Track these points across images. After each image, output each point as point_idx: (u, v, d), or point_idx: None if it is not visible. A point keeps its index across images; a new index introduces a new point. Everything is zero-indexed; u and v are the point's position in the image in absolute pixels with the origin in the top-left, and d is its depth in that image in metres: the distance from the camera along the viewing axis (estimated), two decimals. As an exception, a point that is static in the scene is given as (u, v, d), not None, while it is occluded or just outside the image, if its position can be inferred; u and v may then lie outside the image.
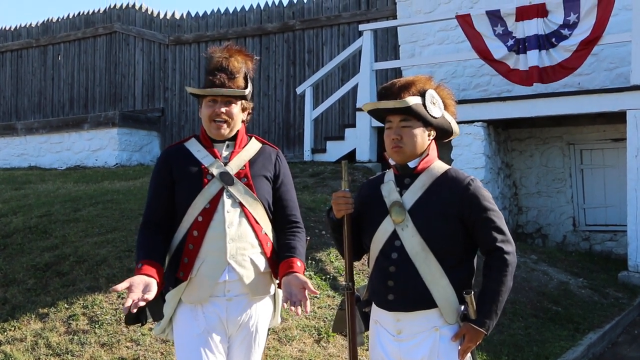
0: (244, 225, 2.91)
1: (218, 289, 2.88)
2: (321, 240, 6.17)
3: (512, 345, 5.23)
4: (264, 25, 11.93)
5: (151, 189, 3.03)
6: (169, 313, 2.92)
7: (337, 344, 4.73)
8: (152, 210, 2.99)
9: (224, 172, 2.94)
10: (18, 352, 4.52)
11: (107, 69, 13.60)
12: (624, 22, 8.18)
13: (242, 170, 2.98)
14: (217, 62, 3.00)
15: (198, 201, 2.89)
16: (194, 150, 3.01)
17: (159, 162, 3.05)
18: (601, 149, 8.98)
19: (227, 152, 3.02)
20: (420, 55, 10.07)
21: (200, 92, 2.98)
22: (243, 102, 3.04)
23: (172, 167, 2.98)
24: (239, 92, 2.98)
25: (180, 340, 2.92)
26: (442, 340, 2.65)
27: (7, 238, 6.38)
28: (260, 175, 3.01)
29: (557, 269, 7.22)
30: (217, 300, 2.88)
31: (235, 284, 2.89)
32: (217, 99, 2.96)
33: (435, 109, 2.73)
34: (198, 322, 2.87)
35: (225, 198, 2.91)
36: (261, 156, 3.07)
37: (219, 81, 2.94)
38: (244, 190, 2.94)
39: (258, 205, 2.96)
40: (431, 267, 2.64)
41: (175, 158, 3.00)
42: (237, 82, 3.00)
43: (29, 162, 12.64)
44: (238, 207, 2.92)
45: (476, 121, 8.38)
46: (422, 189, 2.72)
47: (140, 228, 3.00)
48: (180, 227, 2.92)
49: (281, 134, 11.67)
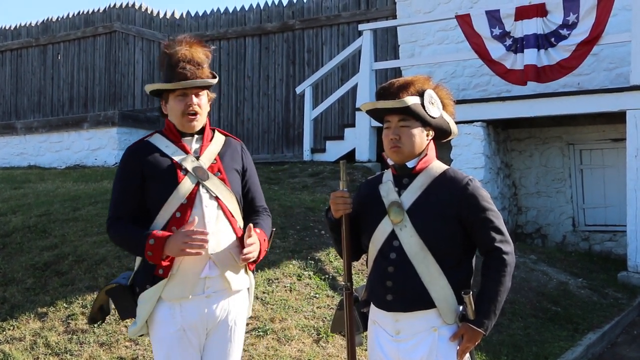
0: (221, 220, 2.89)
1: (197, 287, 2.85)
2: (320, 240, 6.16)
3: (511, 345, 5.22)
4: (264, 25, 11.93)
5: (117, 186, 2.95)
6: (146, 313, 2.87)
7: (336, 344, 4.73)
8: (119, 208, 2.91)
9: (198, 167, 2.90)
10: (17, 351, 4.52)
11: (107, 68, 13.59)
12: (623, 22, 8.18)
13: (215, 164, 2.95)
14: (182, 55, 2.92)
15: (174, 197, 2.83)
16: (162, 145, 2.94)
17: (125, 160, 2.97)
18: (601, 149, 8.97)
19: (197, 146, 2.97)
20: (419, 55, 10.07)
21: (173, 86, 2.90)
22: (208, 92, 3.00)
23: (142, 164, 2.90)
24: (211, 82, 2.93)
25: (156, 337, 2.90)
26: (441, 341, 2.65)
27: (6, 237, 6.38)
28: (231, 169, 3.00)
29: (556, 269, 7.22)
30: (196, 298, 2.85)
31: (215, 279, 2.87)
32: (188, 91, 2.90)
33: (433, 109, 2.73)
34: (175, 320, 2.84)
35: (202, 193, 2.88)
36: (229, 149, 3.04)
37: (190, 73, 2.88)
38: (219, 184, 2.92)
39: (233, 199, 2.94)
40: (430, 267, 2.64)
41: (143, 154, 2.93)
42: (205, 72, 2.94)
43: (28, 162, 12.63)
44: (215, 202, 2.89)
45: (476, 121, 8.38)
46: (420, 189, 2.72)
47: (110, 225, 2.92)
48: (155, 225, 2.85)
49: (281, 133, 11.66)
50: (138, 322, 2.91)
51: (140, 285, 2.89)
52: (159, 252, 2.76)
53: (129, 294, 2.92)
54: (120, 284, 2.94)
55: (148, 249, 2.77)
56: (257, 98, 11.90)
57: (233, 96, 12.11)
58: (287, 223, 6.45)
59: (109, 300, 2.98)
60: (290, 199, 7.25)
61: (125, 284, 2.94)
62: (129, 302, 2.91)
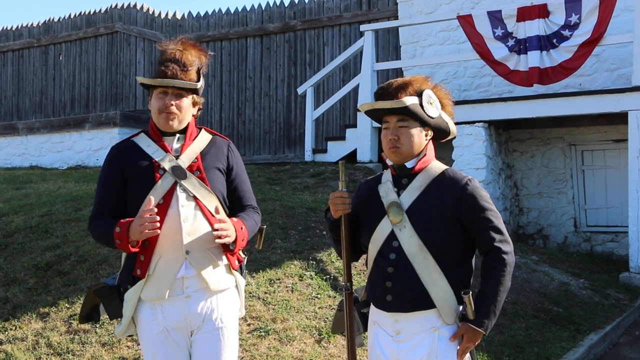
0: (199, 219, 2.87)
1: (176, 287, 2.85)
2: (322, 241, 6.17)
3: (513, 346, 5.22)
4: (265, 26, 11.93)
5: (100, 185, 2.97)
6: (130, 312, 2.89)
7: (337, 344, 4.73)
8: (103, 205, 2.93)
9: (176, 166, 2.89)
10: (19, 351, 4.52)
11: (108, 68, 13.61)
12: (625, 23, 8.17)
13: (195, 163, 2.93)
14: (171, 54, 2.93)
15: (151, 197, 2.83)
16: (144, 145, 2.95)
17: (108, 160, 2.99)
18: (602, 150, 8.97)
19: (178, 145, 2.96)
20: (421, 55, 10.07)
21: (150, 82, 2.91)
22: (194, 96, 2.98)
23: (123, 164, 2.92)
24: (191, 85, 2.92)
25: (143, 339, 2.91)
26: (441, 341, 2.65)
27: (8, 237, 6.39)
28: (213, 168, 2.97)
29: (558, 270, 7.21)
30: (176, 298, 2.85)
31: (193, 279, 2.86)
32: (168, 90, 2.90)
33: (432, 109, 2.72)
34: (157, 321, 2.85)
35: (178, 192, 2.87)
36: (213, 148, 3.02)
37: (171, 72, 2.88)
38: (197, 183, 2.90)
39: (212, 198, 2.92)
40: (429, 267, 2.64)
41: (126, 154, 2.94)
42: (190, 74, 2.93)
43: (30, 162, 12.65)
44: (192, 201, 2.87)
45: (477, 122, 8.37)
46: (419, 189, 2.72)
47: (90, 222, 2.94)
48: None
49: (282, 134, 11.67)
50: (122, 321, 2.93)
51: (123, 286, 2.91)
52: (125, 238, 2.77)
53: (115, 294, 2.93)
54: (107, 284, 2.96)
55: (116, 237, 2.79)
56: (258, 98, 11.91)
57: (234, 97, 12.11)
58: (288, 223, 6.45)
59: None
60: (292, 199, 7.26)
61: (113, 284, 2.95)
62: (116, 302, 2.92)
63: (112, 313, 2.95)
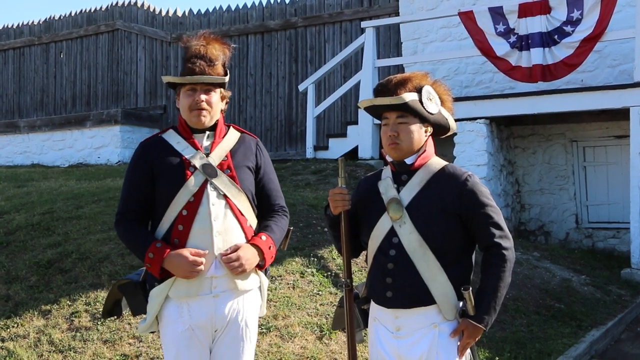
0: (229, 218, 2.86)
1: (204, 286, 2.83)
2: (323, 238, 6.17)
3: (514, 342, 5.22)
4: (266, 23, 11.92)
5: (127, 182, 2.95)
6: (155, 309, 2.87)
7: (339, 340, 4.73)
8: (130, 203, 2.92)
9: (207, 164, 2.88)
10: (21, 348, 4.53)
11: (110, 66, 13.61)
12: (627, 18, 8.15)
13: (225, 161, 2.92)
14: (195, 50, 2.93)
15: (181, 194, 2.83)
16: (174, 142, 2.94)
17: (136, 155, 2.97)
18: (604, 146, 8.96)
19: (208, 143, 2.95)
20: (422, 52, 10.05)
21: (179, 80, 2.91)
22: (222, 90, 2.99)
23: (152, 160, 2.90)
24: (219, 79, 2.93)
25: (166, 337, 2.89)
26: (441, 337, 2.64)
27: (9, 235, 6.40)
28: (242, 166, 2.96)
29: (559, 266, 7.21)
30: (203, 298, 2.83)
31: (222, 279, 2.85)
32: (197, 87, 2.90)
33: (431, 105, 2.72)
34: (183, 319, 2.83)
35: (209, 191, 2.85)
36: (242, 146, 3.01)
37: (199, 69, 2.88)
38: (228, 182, 2.89)
39: (242, 197, 2.91)
40: (429, 263, 2.63)
41: (155, 151, 2.93)
42: (217, 69, 2.94)
43: (31, 160, 12.67)
44: (223, 200, 2.86)
45: (479, 118, 8.37)
46: (419, 186, 2.71)
47: (118, 221, 2.92)
48: (163, 222, 2.85)
49: (283, 131, 11.66)
50: (147, 318, 2.91)
51: (150, 282, 2.89)
52: (157, 265, 2.78)
53: (139, 291, 2.91)
54: (132, 280, 2.95)
55: (147, 261, 2.80)
56: (259, 96, 11.90)
57: (235, 94, 12.11)
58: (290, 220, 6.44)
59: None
60: (293, 196, 7.26)
61: (137, 280, 2.94)
62: (140, 299, 2.91)
63: (135, 309, 2.94)
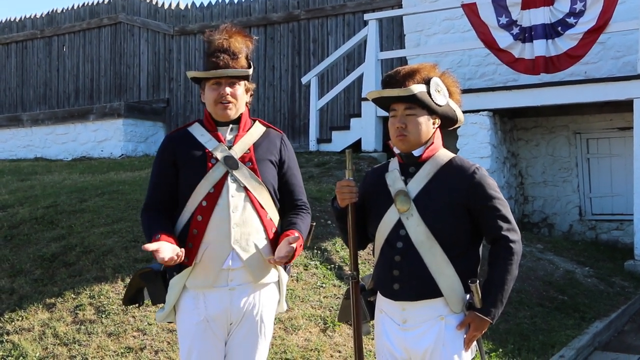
0: (248, 210, 2.88)
1: (221, 278, 2.85)
2: (327, 230, 6.17)
3: (518, 334, 5.23)
4: (269, 15, 11.90)
5: (154, 174, 3.01)
6: (173, 299, 2.90)
7: (343, 333, 4.74)
8: (155, 194, 2.97)
9: (228, 156, 2.91)
10: (26, 341, 4.54)
11: (112, 59, 13.60)
12: (631, 10, 8.13)
13: (247, 154, 2.95)
14: (219, 44, 2.95)
15: (202, 186, 2.86)
16: (198, 134, 2.98)
17: (162, 147, 3.03)
18: (608, 138, 8.94)
19: (231, 136, 2.98)
20: (425, 44, 10.03)
21: (204, 74, 2.93)
22: (246, 82, 3.01)
23: (176, 152, 2.96)
24: (244, 72, 2.94)
25: (181, 328, 2.92)
26: (448, 329, 2.64)
27: (13, 229, 6.41)
28: (265, 160, 2.98)
29: (563, 258, 7.21)
30: (220, 290, 2.86)
31: (239, 271, 2.87)
32: (222, 80, 2.92)
33: (440, 97, 2.71)
34: (198, 311, 2.86)
35: (229, 182, 2.88)
36: (266, 140, 3.03)
37: (223, 62, 2.90)
38: (248, 174, 2.91)
39: (263, 190, 2.93)
40: (436, 256, 2.63)
41: (179, 143, 2.98)
42: (240, 62, 2.96)
43: (34, 154, 12.68)
44: (243, 192, 2.89)
45: (482, 110, 8.35)
46: (427, 178, 2.70)
47: (143, 211, 2.99)
48: (184, 212, 2.90)
49: (286, 123, 11.66)
50: (165, 308, 2.94)
51: (169, 272, 2.92)
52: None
53: (159, 279, 2.94)
54: (153, 269, 2.97)
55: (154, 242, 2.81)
56: (262, 89, 11.89)
57: (238, 87, 12.09)
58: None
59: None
60: (296, 189, 7.25)
61: (158, 269, 2.96)
62: (159, 288, 2.93)
63: (154, 298, 2.96)
